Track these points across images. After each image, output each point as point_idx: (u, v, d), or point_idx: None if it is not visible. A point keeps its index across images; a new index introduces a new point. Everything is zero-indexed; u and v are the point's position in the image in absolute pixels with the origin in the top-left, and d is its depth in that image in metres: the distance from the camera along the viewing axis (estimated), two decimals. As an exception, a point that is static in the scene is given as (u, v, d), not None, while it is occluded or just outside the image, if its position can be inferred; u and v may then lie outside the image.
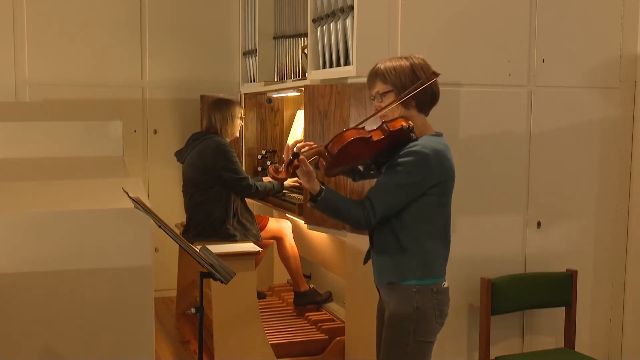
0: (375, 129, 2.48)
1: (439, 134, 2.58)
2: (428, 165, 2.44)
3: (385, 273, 2.55)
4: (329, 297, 4.63)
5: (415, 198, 2.46)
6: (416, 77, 2.50)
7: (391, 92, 2.51)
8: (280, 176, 2.44)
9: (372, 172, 2.72)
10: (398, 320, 2.52)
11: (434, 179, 2.46)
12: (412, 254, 2.50)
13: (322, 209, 2.50)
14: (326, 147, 2.45)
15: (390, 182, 2.46)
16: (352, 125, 2.77)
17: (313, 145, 2.55)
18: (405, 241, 2.49)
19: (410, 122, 2.48)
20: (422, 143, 2.46)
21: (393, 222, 2.50)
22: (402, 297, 2.51)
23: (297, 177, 2.47)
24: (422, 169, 2.43)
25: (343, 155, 2.44)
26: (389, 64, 2.53)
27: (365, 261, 2.72)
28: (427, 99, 2.55)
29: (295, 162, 2.41)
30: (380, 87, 2.54)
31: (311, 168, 2.45)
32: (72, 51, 5.19)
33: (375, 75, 2.55)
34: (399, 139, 2.47)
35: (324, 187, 2.47)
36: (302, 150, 2.50)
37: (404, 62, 2.52)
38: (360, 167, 2.75)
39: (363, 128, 2.48)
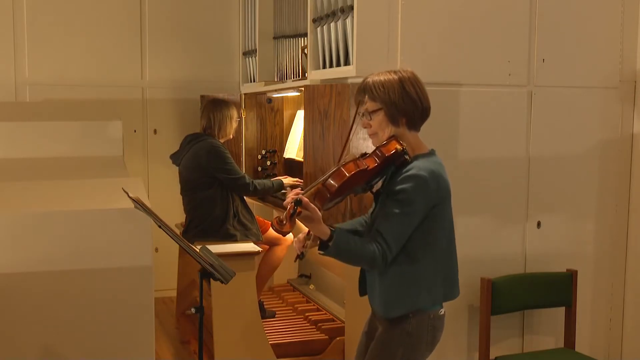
0: (368, 156, 2.41)
1: (432, 152, 2.49)
2: (427, 188, 2.35)
3: (389, 308, 2.45)
4: (272, 316, 4.59)
5: (419, 222, 2.38)
6: (405, 92, 2.40)
7: (381, 110, 2.41)
8: (285, 229, 2.26)
9: (360, 192, 2.61)
10: (388, 341, 2.46)
11: (434, 200, 2.38)
12: (416, 285, 2.41)
13: (334, 254, 2.32)
14: (324, 184, 2.35)
15: (396, 212, 2.34)
16: (341, 147, 2.69)
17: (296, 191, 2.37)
18: (408, 272, 2.40)
19: (403, 143, 2.40)
20: (418, 165, 2.37)
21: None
22: (397, 320, 2.45)
23: (302, 223, 2.27)
24: (422, 192, 2.34)
25: (341, 190, 2.36)
26: (376, 78, 2.43)
27: (361, 292, 2.59)
28: (417, 115, 2.44)
29: (299, 209, 2.24)
30: (369, 104, 2.44)
31: (315, 208, 2.28)
32: (72, 51, 5.19)
33: (364, 91, 2.45)
34: (392, 162, 2.41)
35: (333, 229, 2.30)
36: (300, 194, 2.31)
37: (393, 77, 2.42)
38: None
39: (359, 158, 2.40)
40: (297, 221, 2.29)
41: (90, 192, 2.88)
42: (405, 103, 2.41)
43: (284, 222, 2.25)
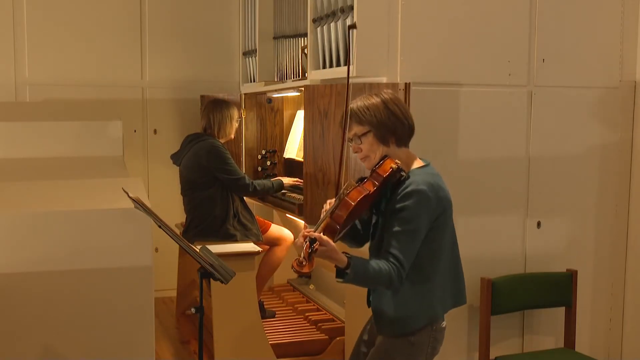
0: (367, 181, 2.44)
1: (427, 164, 2.51)
2: (428, 201, 2.38)
3: (406, 324, 2.47)
4: (272, 316, 4.59)
5: (425, 235, 2.41)
6: (390, 111, 2.45)
7: (370, 132, 2.46)
8: (305, 270, 2.28)
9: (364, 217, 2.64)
10: (389, 347, 2.49)
11: (436, 211, 2.41)
12: (429, 295, 2.45)
13: (352, 279, 2.35)
14: (332, 217, 2.38)
15: (402, 230, 2.38)
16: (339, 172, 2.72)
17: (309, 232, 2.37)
18: (419, 284, 2.44)
19: (397, 160, 2.43)
20: (416, 180, 2.40)
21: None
22: (400, 329, 2.48)
23: (322, 258, 2.30)
24: (424, 207, 2.38)
25: (349, 219, 2.40)
26: (360, 103, 2.48)
27: (369, 303, 2.61)
28: (405, 133, 2.49)
29: (315, 246, 2.28)
30: (357, 128, 2.48)
31: (329, 241, 2.32)
32: (72, 51, 5.19)
33: (350, 117, 2.50)
34: (389, 181, 2.44)
35: (349, 257, 2.35)
36: (311, 233, 2.33)
37: (375, 99, 2.47)
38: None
39: (359, 185, 2.43)
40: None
41: (90, 192, 2.88)
42: (392, 121, 2.46)
43: (304, 262, 2.28)
